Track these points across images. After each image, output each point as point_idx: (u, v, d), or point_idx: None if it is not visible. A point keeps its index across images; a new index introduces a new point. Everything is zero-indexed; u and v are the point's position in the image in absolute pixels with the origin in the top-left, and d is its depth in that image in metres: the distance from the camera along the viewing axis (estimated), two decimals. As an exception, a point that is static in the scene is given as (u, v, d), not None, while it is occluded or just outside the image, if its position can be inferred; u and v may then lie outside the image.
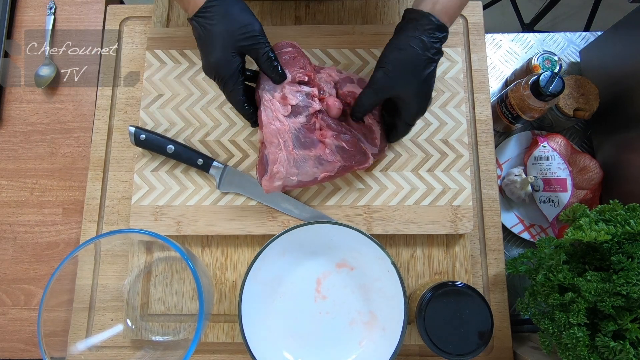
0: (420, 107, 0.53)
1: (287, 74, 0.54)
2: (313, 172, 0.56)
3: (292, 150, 0.54)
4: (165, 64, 0.65)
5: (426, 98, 0.53)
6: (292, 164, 0.54)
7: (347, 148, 0.56)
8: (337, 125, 0.56)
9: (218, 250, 0.62)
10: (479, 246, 0.64)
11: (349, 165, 0.57)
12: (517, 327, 0.64)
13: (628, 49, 0.66)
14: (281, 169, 0.54)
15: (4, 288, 0.66)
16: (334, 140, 0.55)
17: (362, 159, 0.57)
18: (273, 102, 0.53)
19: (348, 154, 0.56)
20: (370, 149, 0.58)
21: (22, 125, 0.72)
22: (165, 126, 0.63)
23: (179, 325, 0.60)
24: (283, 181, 0.55)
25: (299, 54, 0.56)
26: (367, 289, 0.58)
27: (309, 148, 0.55)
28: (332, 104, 0.56)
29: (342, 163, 0.56)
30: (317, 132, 0.55)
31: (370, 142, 0.58)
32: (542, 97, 0.62)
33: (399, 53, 0.50)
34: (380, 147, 0.59)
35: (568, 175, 0.67)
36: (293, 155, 0.54)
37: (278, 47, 0.56)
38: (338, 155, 0.56)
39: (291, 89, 0.54)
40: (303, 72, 0.55)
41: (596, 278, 0.48)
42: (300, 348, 0.57)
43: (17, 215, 0.69)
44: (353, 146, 0.56)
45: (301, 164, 0.55)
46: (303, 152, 0.55)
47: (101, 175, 0.66)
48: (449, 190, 0.61)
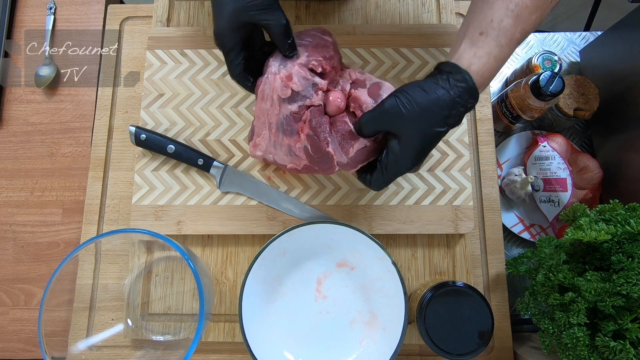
0: (413, 158, 0.46)
1: (303, 55, 0.50)
2: (283, 158, 0.55)
3: (274, 132, 0.53)
4: (165, 64, 0.65)
5: (423, 154, 0.46)
6: (272, 143, 0.54)
7: (310, 151, 0.51)
8: (318, 125, 0.51)
9: (218, 249, 0.62)
10: (480, 246, 0.64)
11: (313, 168, 0.54)
12: (517, 327, 0.64)
13: (628, 49, 0.66)
14: (262, 142, 0.54)
15: (4, 288, 0.66)
16: (305, 139, 0.51)
17: (326, 166, 0.52)
18: (275, 78, 0.50)
19: (311, 157, 0.52)
20: (340, 157, 0.52)
21: (22, 125, 0.72)
22: (165, 126, 0.63)
23: (180, 325, 0.60)
24: (263, 154, 0.55)
25: (327, 44, 0.53)
26: (367, 289, 0.58)
27: (287, 135, 0.53)
28: (333, 99, 0.51)
29: (306, 162, 0.53)
30: (300, 124, 0.52)
31: (343, 148, 0.51)
32: (542, 97, 0.62)
33: (421, 92, 0.44)
34: (351, 161, 0.52)
35: (568, 175, 0.67)
36: (274, 136, 0.53)
37: (309, 29, 0.53)
38: (303, 154, 0.52)
39: (300, 73, 0.50)
40: (320, 62, 0.51)
41: (596, 278, 0.48)
42: (300, 348, 0.57)
43: (17, 215, 0.69)
44: (317, 153, 0.51)
45: (277, 147, 0.54)
46: (282, 137, 0.53)
47: (102, 175, 0.66)
48: (450, 190, 0.61)
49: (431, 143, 0.45)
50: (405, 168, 0.47)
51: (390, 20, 0.70)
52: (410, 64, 0.65)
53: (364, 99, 0.51)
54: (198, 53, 0.65)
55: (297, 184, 0.61)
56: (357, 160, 0.52)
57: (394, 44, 0.66)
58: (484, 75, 0.45)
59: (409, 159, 0.46)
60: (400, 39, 0.66)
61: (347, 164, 0.52)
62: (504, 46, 0.44)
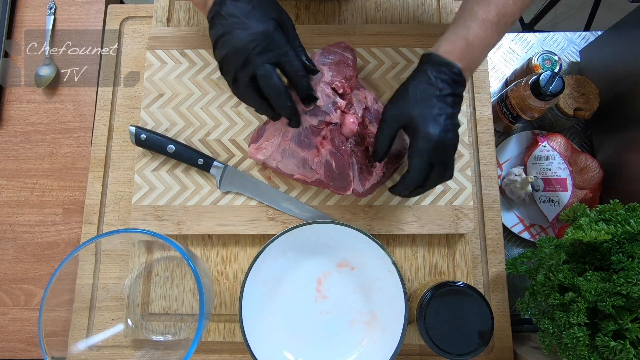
0: (435, 135, 0.47)
1: (327, 73, 0.54)
2: (292, 169, 0.57)
3: (287, 140, 0.55)
4: (165, 64, 0.65)
5: (438, 149, 0.47)
6: (279, 150, 0.56)
7: (333, 168, 0.55)
8: (340, 144, 0.55)
9: (218, 249, 0.62)
10: (480, 246, 0.64)
11: (325, 183, 0.57)
12: (518, 327, 0.64)
13: (628, 49, 0.66)
14: (269, 147, 0.56)
15: (4, 288, 0.66)
16: (328, 154, 0.55)
17: (342, 185, 0.56)
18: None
19: (331, 173, 0.55)
20: (356, 184, 0.56)
21: (22, 125, 0.72)
22: (165, 126, 0.63)
23: (180, 325, 0.60)
24: (265, 158, 0.57)
25: (347, 62, 0.57)
26: (367, 289, 0.58)
27: (303, 148, 0.56)
28: (348, 122, 0.55)
29: (321, 177, 0.56)
30: (319, 138, 0.55)
31: (361, 179, 0.56)
32: (542, 97, 0.62)
33: (403, 86, 0.50)
34: (365, 191, 0.57)
35: (568, 175, 0.67)
36: (286, 144, 0.56)
37: (334, 45, 0.57)
38: (322, 169, 0.55)
39: (324, 90, 0.54)
40: (342, 83, 0.55)
41: (596, 278, 0.48)
42: (300, 347, 0.57)
43: (18, 215, 0.69)
44: (340, 170, 0.55)
45: (287, 156, 0.56)
46: (295, 147, 0.56)
47: (102, 175, 0.66)
48: (450, 190, 0.61)
49: (442, 136, 0.47)
50: (418, 173, 0.49)
51: (390, 20, 0.70)
52: (410, 64, 0.65)
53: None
54: (198, 53, 0.65)
55: (297, 184, 0.61)
56: (368, 193, 0.57)
57: (394, 44, 0.66)
58: (454, 52, 0.48)
59: (431, 135, 0.47)
60: (400, 39, 0.66)
61: (360, 193, 0.57)
62: (473, 27, 0.48)
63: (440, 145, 0.47)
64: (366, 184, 0.56)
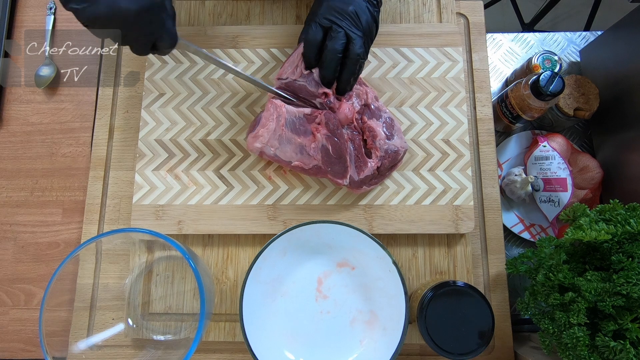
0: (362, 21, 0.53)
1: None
2: (290, 155, 0.57)
3: (282, 127, 0.56)
4: (166, 64, 0.65)
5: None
6: (276, 137, 0.56)
7: (330, 152, 0.56)
8: (335, 127, 0.56)
9: (219, 249, 0.62)
10: (480, 246, 0.64)
11: (323, 170, 0.57)
12: (518, 327, 0.64)
13: (628, 49, 0.66)
14: (265, 134, 0.56)
15: (5, 288, 0.66)
16: (324, 139, 0.55)
17: (339, 170, 0.57)
18: (308, 78, 0.56)
19: (329, 158, 0.56)
20: (352, 172, 0.57)
21: (22, 125, 0.72)
22: (166, 125, 0.63)
23: (180, 325, 0.60)
24: (263, 146, 0.57)
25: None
26: (368, 289, 0.58)
27: (299, 134, 0.56)
28: (343, 108, 0.56)
29: (319, 163, 0.56)
30: (314, 125, 0.56)
31: (357, 167, 0.57)
32: (542, 97, 0.62)
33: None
34: (360, 181, 0.58)
35: (568, 175, 0.67)
36: (281, 131, 0.56)
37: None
38: (319, 155, 0.56)
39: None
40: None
41: (596, 278, 0.48)
42: (301, 347, 0.57)
43: (18, 215, 0.68)
44: (337, 154, 0.56)
45: (284, 142, 0.57)
46: (291, 134, 0.56)
47: (102, 175, 0.66)
48: (450, 190, 0.61)
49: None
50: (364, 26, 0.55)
51: (390, 20, 0.70)
52: (410, 64, 0.65)
53: (379, 131, 0.57)
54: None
55: (298, 184, 0.61)
56: (362, 183, 0.58)
57: (394, 43, 0.66)
58: None
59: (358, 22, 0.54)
60: (401, 38, 0.66)
61: (355, 182, 0.57)
62: None
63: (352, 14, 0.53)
64: (361, 173, 0.57)
